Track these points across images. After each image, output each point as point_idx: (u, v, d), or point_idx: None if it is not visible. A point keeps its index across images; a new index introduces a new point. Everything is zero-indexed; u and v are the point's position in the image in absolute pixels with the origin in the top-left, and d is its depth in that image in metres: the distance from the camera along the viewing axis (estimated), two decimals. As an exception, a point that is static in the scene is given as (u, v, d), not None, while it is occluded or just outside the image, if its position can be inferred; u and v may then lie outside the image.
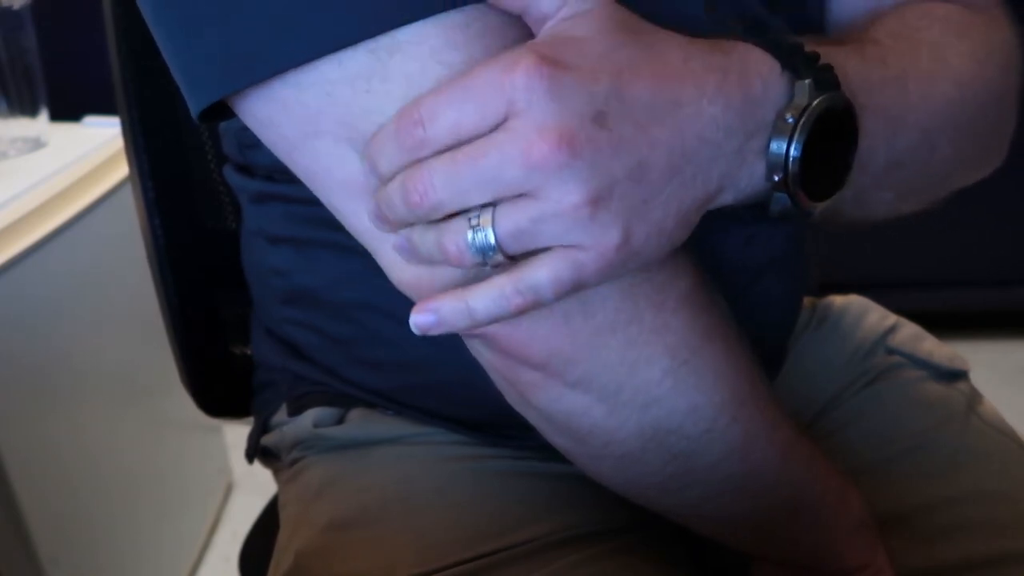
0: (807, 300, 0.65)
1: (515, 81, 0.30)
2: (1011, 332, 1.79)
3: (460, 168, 0.31)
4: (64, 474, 0.99)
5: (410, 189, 0.32)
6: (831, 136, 0.36)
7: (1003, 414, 0.60)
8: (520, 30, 0.34)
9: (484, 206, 0.32)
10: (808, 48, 0.36)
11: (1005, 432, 0.58)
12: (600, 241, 0.32)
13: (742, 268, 0.49)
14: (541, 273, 0.32)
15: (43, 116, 1.07)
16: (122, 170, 1.09)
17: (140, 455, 1.16)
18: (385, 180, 0.34)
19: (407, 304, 0.39)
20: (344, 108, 0.34)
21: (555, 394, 0.39)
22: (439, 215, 0.33)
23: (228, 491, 1.44)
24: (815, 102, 0.35)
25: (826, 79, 0.36)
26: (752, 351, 0.42)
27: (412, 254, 0.35)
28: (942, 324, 0.79)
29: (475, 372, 0.41)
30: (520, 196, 0.31)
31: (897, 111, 0.42)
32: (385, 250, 0.37)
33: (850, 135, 0.38)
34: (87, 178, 1.05)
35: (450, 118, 0.31)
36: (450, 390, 0.51)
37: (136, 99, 0.64)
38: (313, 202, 0.40)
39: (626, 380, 0.38)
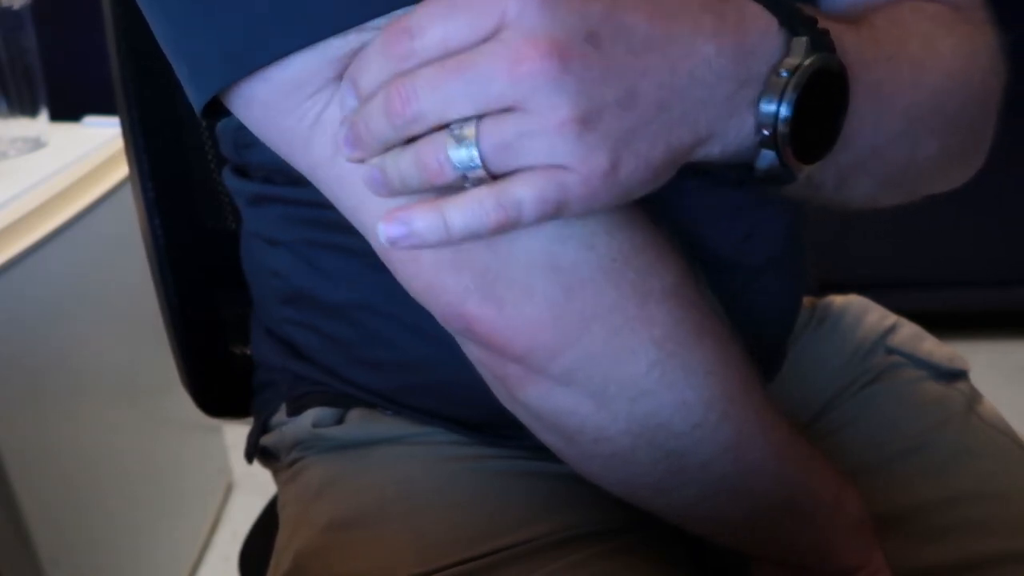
0: (807, 300, 0.65)
1: None
2: (1011, 332, 1.79)
3: (446, 76, 0.31)
4: (64, 474, 0.99)
5: (392, 97, 0.31)
6: (821, 99, 0.35)
7: (1003, 414, 0.60)
8: None
9: (468, 119, 0.31)
10: (807, 11, 0.36)
11: (1005, 432, 0.58)
12: (587, 163, 0.31)
13: (740, 266, 0.49)
14: (525, 189, 0.31)
15: (43, 116, 1.07)
16: (122, 170, 1.09)
17: (140, 455, 1.16)
18: (366, 95, 0.33)
19: (406, 305, 0.39)
20: (335, 57, 0.34)
21: (542, 389, 0.39)
22: (420, 128, 0.32)
23: (228, 491, 1.44)
24: (809, 59, 0.34)
25: (822, 40, 0.36)
26: (746, 350, 0.42)
27: (384, 184, 0.34)
28: (942, 324, 0.79)
29: (473, 372, 0.41)
30: (506, 110, 0.31)
31: (887, 91, 0.42)
32: (369, 215, 0.36)
33: (841, 100, 0.37)
34: (87, 178, 1.05)
35: (440, 29, 0.31)
36: (449, 390, 0.51)
37: (136, 99, 0.64)
38: (310, 203, 0.40)
39: (611, 373, 0.38)
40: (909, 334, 0.63)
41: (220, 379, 0.72)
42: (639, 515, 0.46)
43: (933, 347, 0.62)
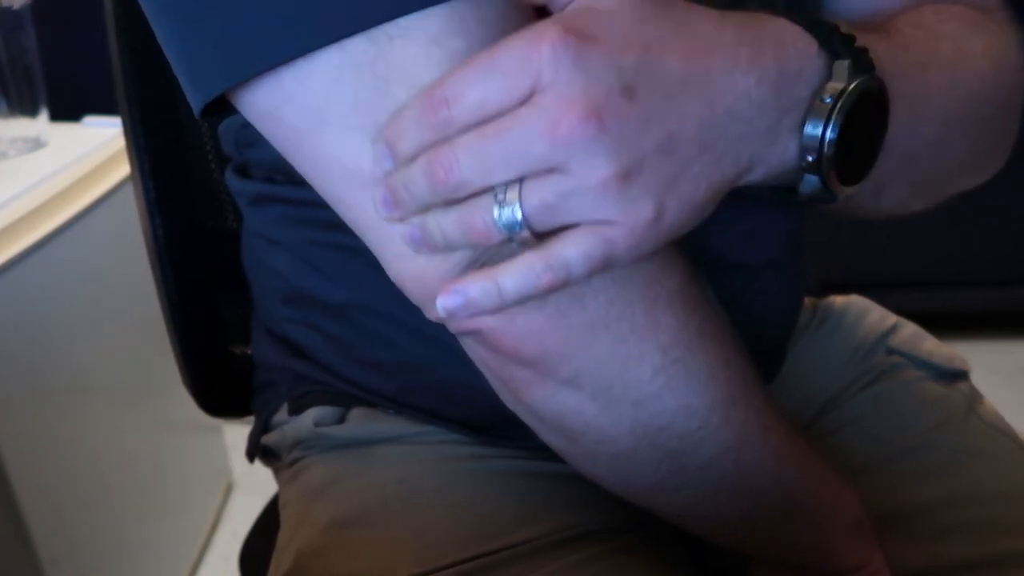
0: (807, 300, 0.65)
1: (541, 54, 0.30)
2: (1011, 332, 1.79)
3: (486, 144, 0.31)
4: (64, 474, 0.99)
5: (435, 166, 0.32)
6: (863, 119, 0.35)
7: (1003, 414, 0.60)
8: (521, 19, 0.34)
9: (510, 183, 0.31)
10: (844, 28, 0.36)
11: (1005, 432, 0.58)
12: (631, 216, 0.31)
13: (742, 267, 0.49)
14: (572, 249, 0.32)
15: (43, 116, 1.07)
16: (122, 170, 1.09)
17: (140, 455, 1.16)
18: (405, 162, 0.33)
19: (407, 304, 0.39)
20: (350, 95, 0.34)
21: (548, 392, 0.39)
22: (464, 193, 0.32)
23: (228, 491, 1.44)
24: (853, 84, 0.34)
25: (863, 60, 0.35)
26: (746, 352, 0.42)
27: (423, 241, 0.34)
28: (942, 324, 0.79)
29: (474, 373, 0.41)
30: (548, 171, 0.31)
31: (920, 99, 0.41)
32: (388, 243, 0.37)
33: (881, 119, 0.37)
34: (87, 178, 1.05)
35: (476, 95, 0.31)
36: (450, 390, 0.51)
37: (136, 99, 0.64)
38: (312, 203, 0.40)
39: (617, 377, 0.38)
40: (909, 334, 0.63)
41: (220, 379, 0.72)
42: (639, 515, 0.46)
43: (933, 347, 0.62)
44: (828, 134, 0.34)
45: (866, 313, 0.65)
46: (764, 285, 0.51)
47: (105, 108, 1.05)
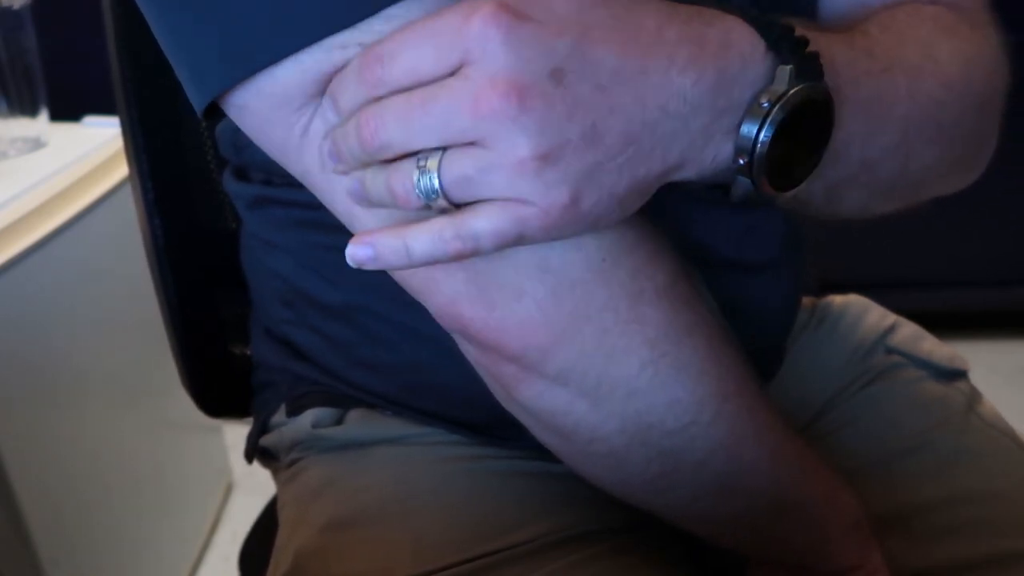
0: (806, 300, 0.65)
1: (472, 28, 0.30)
2: (1011, 332, 1.79)
3: (412, 110, 0.31)
4: (64, 474, 0.99)
5: (363, 125, 0.32)
6: (805, 125, 0.35)
7: (1003, 414, 0.60)
8: None
9: (433, 150, 0.32)
10: (798, 32, 0.35)
11: (1005, 432, 0.58)
12: (546, 199, 0.31)
13: (739, 266, 0.49)
14: (482, 222, 0.32)
15: (43, 116, 1.07)
16: (122, 170, 1.09)
17: (140, 455, 1.16)
18: (343, 115, 0.34)
19: (406, 306, 0.39)
20: (312, 76, 0.34)
21: (537, 389, 0.39)
22: (389, 155, 0.33)
23: (228, 491, 1.44)
24: (793, 91, 0.34)
25: (810, 67, 0.35)
26: (741, 350, 0.42)
27: (363, 197, 0.35)
28: (942, 324, 0.79)
29: (473, 374, 0.41)
30: (470, 144, 0.31)
31: (879, 106, 0.41)
32: (360, 223, 0.37)
33: (824, 128, 0.37)
34: (87, 178, 1.05)
35: (408, 59, 0.31)
36: (449, 392, 0.51)
37: (136, 99, 0.64)
38: (309, 205, 0.40)
39: (604, 372, 0.38)
40: (909, 334, 0.63)
41: (220, 379, 0.72)
42: (638, 515, 0.46)
43: (933, 347, 0.62)
44: (761, 139, 0.34)
45: (865, 313, 0.65)
46: (762, 284, 0.51)
47: (105, 108, 1.05)
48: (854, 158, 0.41)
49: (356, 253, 0.34)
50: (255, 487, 1.37)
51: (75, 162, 1.05)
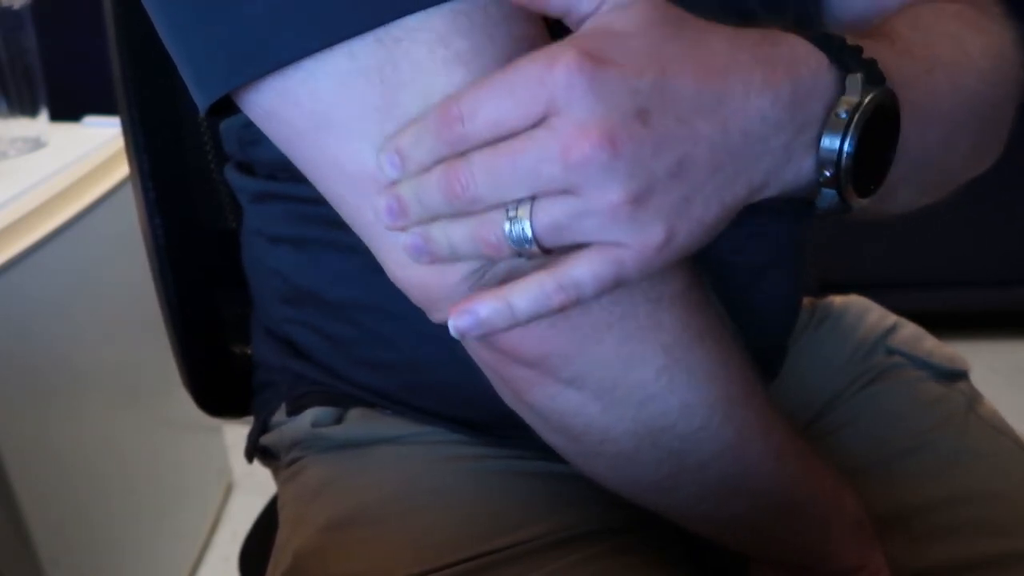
0: (807, 300, 0.65)
1: (556, 77, 0.30)
2: (1011, 332, 1.79)
3: (501, 163, 0.31)
4: (64, 474, 0.99)
5: (451, 181, 0.32)
6: (876, 131, 0.35)
7: (1003, 414, 0.60)
8: (527, 20, 0.34)
9: (523, 200, 0.32)
10: (850, 41, 0.36)
11: (1005, 432, 0.58)
12: (641, 239, 0.32)
13: (742, 267, 0.49)
14: (582, 270, 0.32)
15: (43, 116, 1.07)
16: (122, 170, 1.09)
17: (140, 455, 1.16)
18: (415, 173, 0.33)
19: (407, 304, 0.39)
20: (357, 100, 0.34)
21: (550, 392, 0.39)
22: (477, 208, 0.33)
23: (228, 491, 1.44)
24: (869, 97, 0.34)
25: (875, 72, 0.35)
26: (746, 352, 0.42)
27: (425, 251, 0.35)
28: (942, 324, 0.79)
29: (475, 372, 0.41)
30: (560, 191, 0.31)
31: (927, 104, 0.42)
32: (389, 247, 0.37)
33: (893, 129, 0.37)
34: (87, 178, 1.05)
35: (490, 114, 0.31)
36: (450, 390, 0.51)
37: (136, 99, 0.64)
38: (314, 201, 0.40)
39: (621, 378, 0.38)
40: (909, 334, 0.63)
41: (220, 379, 0.72)
42: (639, 515, 0.46)
43: (933, 347, 0.62)
44: (846, 148, 0.34)
45: (866, 313, 0.65)
46: (765, 285, 0.51)
47: (105, 108, 1.05)
48: (908, 157, 0.41)
49: (459, 323, 0.34)
50: (255, 487, 1.36)
51: (75, 162, 1.04)
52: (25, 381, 0.92)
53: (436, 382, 0.52)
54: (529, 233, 0.32)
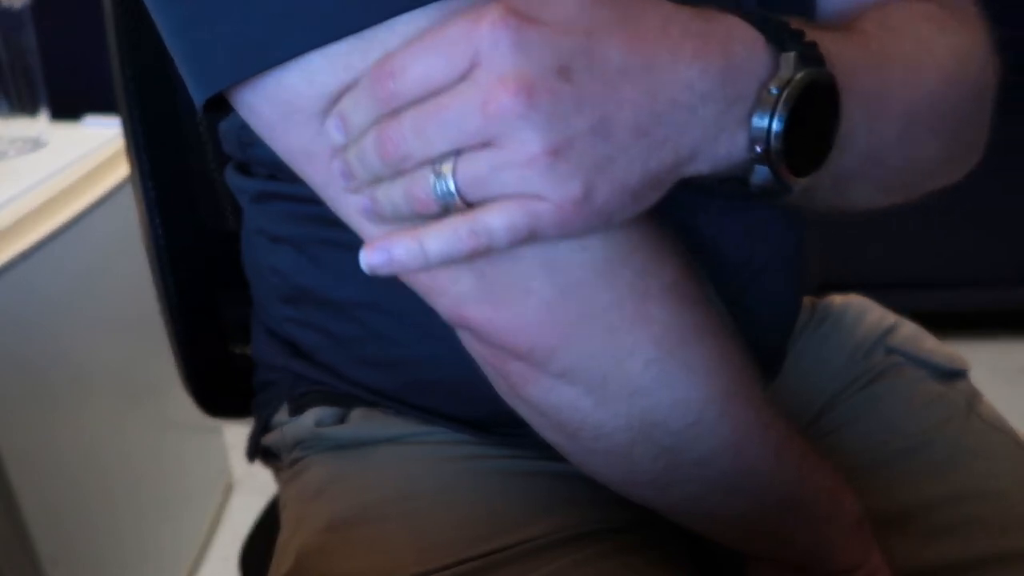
0: (807, 300, 0.65)
1: (480, 32, 0.31)
2: (1011, 332, 1.79)
3: (427, 118, 0.32)
4: (64, 474, 0.99)
5: (383, 139, 0.33)
6: (813, 113, 0.36)
7: (1003, 414, 0.60)
8: None
9: (448, 155, 0.32)
10: (794, 25, 0.36)
11: (1005, 432, 0.58)
12: (559, 192, 0.32)
13: (741, 267, 0.49)
14: (496, 217, 0.33)
15: (43, 116, 1.07)
16: (122, 170, 1.09)
17: (140, 455, 1.16)
18: (357, 132, 0.34)
19: (408, 302, 0.39)
20: (320, 86, 0.35)
21: (544, 386, 0.39)
22: (408, 165, 0.33)
23: (228, 491, 1.44)
24: (800, 74, 0.34)
25: (812, 54, 0.36)
26: (745, 349, 0.42)
27: (375, 213, 0.35)
28: (942, 324, 0.79)
29: (476, 370, 0.41)
30: (482, 145, 0.32)
31: (879, 96, 0.42)
32: (370, 228, 0.37)
33: (833, 111, 0.37)
34: (87, 178, 1.05)
35: (419, 70, 0.32)
36: (453, 388, 0.51)
37: (136, 99, 0.64)
38: (314, 200, 0.40)
39: (611, 370, 0.38)
40: (909, 334, 0.63)
41: (220, 379, 0.72)
42: (639, 514, 0.46)
43: (933, 347, 0.62)
44: (775, 124, 0.34)
45: (866, 312, 0.65)
46: (765, 285, 0.51)
47: (105, 108, 1.05)
48: (859, 149, 0.41)
49: (370, 259, 0.35)
50: (255, 487, 1.36)
51: (75, 162, 1.05)
52: (25, 381, 0.92)
53: (437, 380, 0.52)
54: (452, 187, 0.32)
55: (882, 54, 0.42)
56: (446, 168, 0.32)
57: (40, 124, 1.07)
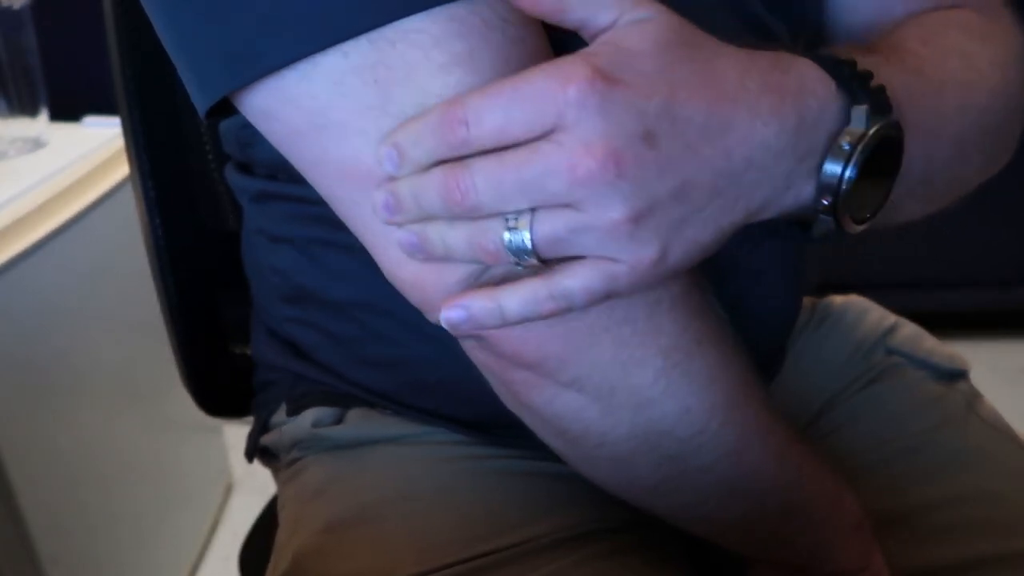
0: (807, 300, 0.65)
1: (568, 95, 0.30)
2: (1011, 332, 1.79)
3: (505, 173, 0.31)
4: (64, 474, 0.99)
5: (451, 187, 0.32)
6: (878, 160, 0.36)
7: (1003, 414, 0.60)
8: (524, 23, 0.34)
9: (523, 210, 0.32)
10: (860, 66, 0.36)
11: (1005, 432, 0.58)
12: (636, 256, 0.32)
13: (742, 269, 0.49)
14: (575, 281, 0.33)
15: (43, 116, 1.07)
16: (122, 170, 1.09)
17: (140, 455, 1.16)
18: (414, 169, 0.33)
19: (408, 303, 0.39)
20: (352, 99, 0.34)
21: (549, 394, 0.39)
22: (476, 215, 0.33)
23: (228, 491, 1.44)
24: (872, 131, 0.35)
25: (881, 103, 0.36)
26: (747, 355, 0.42)
27: (421, 250, 0.35)
28: (942, 324, 0.79)
29: (475, 371, 0.41)
30: (562, 205, 0.32)
31: (935, 124, 0.42)
32: (385, 245, 0.37)
33: (895, 160, 0.38)
34: (87, 178, 1.05)
35: (497, 121, 0.31)
36: (450, 389, 0.51)
37: (136, 99, 0.64)
38: (314, 201, 0.40)
39: (619, 381, 0.38)
40: (909, 334, 0.63)
41: (220, 379, 0.72)
42: (638, 515, 0.46)
43: (933, 347, 0.62)
44: (846, 178, 0.34)
45: (865, 313, 0.65)
46: (764, 287, 0.51)
47: (105, 108, 1.05)
48: (916, 175, 0.42)
49: (450, 316, 0.35)
50: (255, 487, 1.36)
51: (75, 162, 1.05)
52: (25, 381, 0.92)
53: (436, 381, 0.52)
54: (528, 244, 0.32)
55: (936, 80, 0.42)
56: (522, 224, 0.32)
57: (40, 124, 1.07)
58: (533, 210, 0.32)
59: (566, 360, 0.37)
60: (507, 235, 0.32)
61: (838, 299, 0.66)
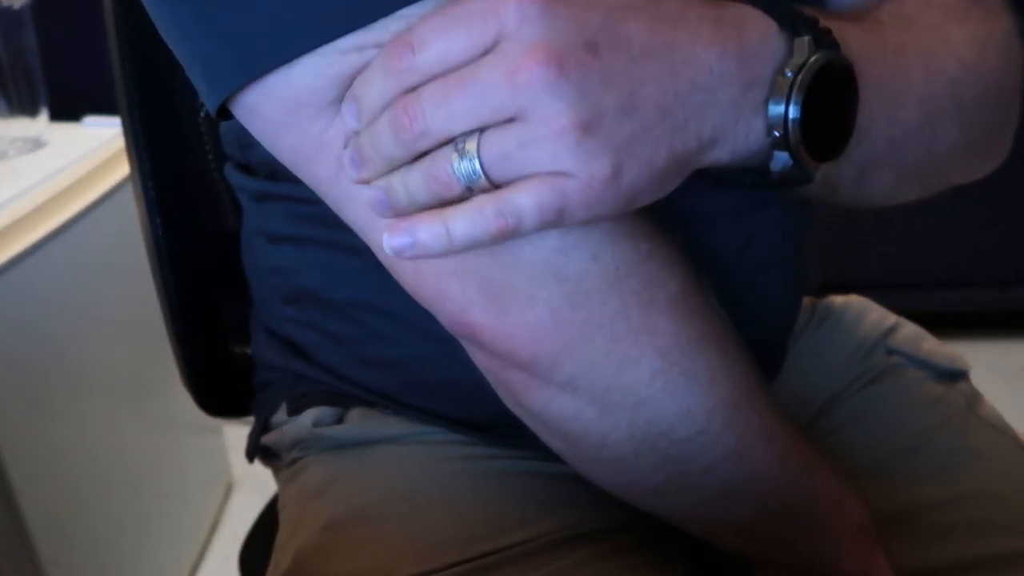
0: (807, 300, 0.65)
1: (507, 6, 0.30)
2: (1011, 332, 1.79)
3: (449, 92, 0.31)
4: (64, 474, 0.99)
5: (399, 114, 0.32)
6: (831, 96, 0.35)
7: (1003, 414, 0.60)
8: None
9: (471, 133, 0.32)
10: (807, 12, 0.36)
11: (1005, 432, 0.58)
12: (587, 169, 0.31)
13: (741, 268, 0.49)
14: (524, 196, 0.32)
15: (43, 116, 1.07)
16: (122, 170, 1.09)
17: (140, 455, 1.16)
18: (371, 115, 0.33)
19: (407, 302, 0.39)
20: (327, 77, 0.34)
21: (546, 396, 0.39)
22: (427, 143, 0.32)
23: (228, 491, 1.44)
24: (814, 57, 0.34)
25: (825, 38, 0.36)
26: (750, 356, 0.42)
27: (389, 203, 0.34)
28: (942, 324, 0.79)
29: (476, 372, 0.41)
30: (508, 121, 0.31)
31: (896, 84, 0.41)
32: (377, 230, 0.37)
33: (851, 95, 0.37)
34: (87, 178, 1.05)
35: (440, 44, 0.31)
36: (451, 389, 0.51)
37: (136, 99, 0.64)
38: (314, 201, 0.40)
39: (614, 381, 0.38)
40: (909, 334, 0.63)
41: (220, 379, 0.72)
42: (639, 515, 0.46)
43: (933, 347, 0.62)
44: (791, 107, 0.34)
45: (866, 313, 0.64)
46: (764, 286, 0.51)
47: (105, 108, 1.05)
48: (879, 137, 0.41)
49: (393, 242, 0.34)
50: (255, 487, 1.36)
51: (75, 162, 1.05)
52: (25, 381, 0.92)
53: (438, 380, 0.52)
54: (478, 166, 0.32)
55: (898, 43, 0.42)
56: (470, 146, 0.31)
57: (40, 124, 1.07)
58: (482, 132, 0.31)
59: (559, 358, 0.37)
60: (456, 160, 0.32)
61: (838, 299, 0.66)
